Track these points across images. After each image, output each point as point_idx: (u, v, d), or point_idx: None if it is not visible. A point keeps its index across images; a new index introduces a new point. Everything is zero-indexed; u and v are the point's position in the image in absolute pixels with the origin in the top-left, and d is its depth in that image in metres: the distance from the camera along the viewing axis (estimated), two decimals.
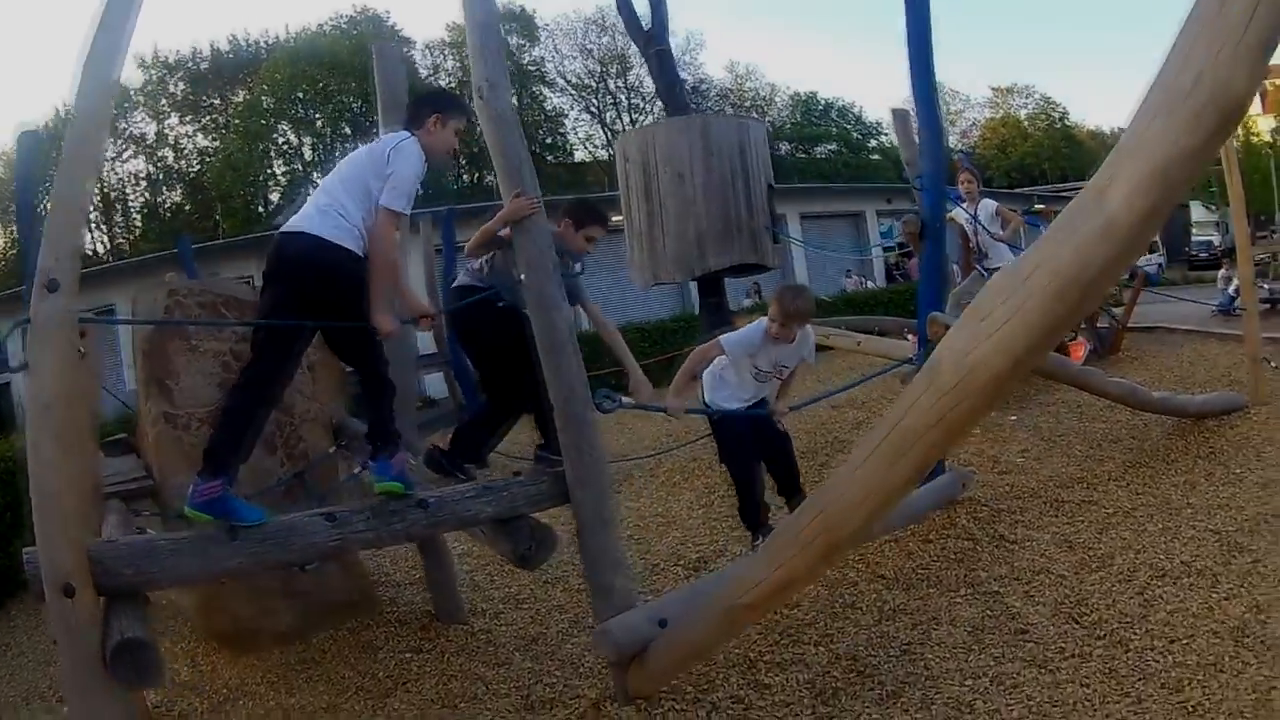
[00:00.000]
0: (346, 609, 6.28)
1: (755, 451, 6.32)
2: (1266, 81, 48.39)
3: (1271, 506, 7.00)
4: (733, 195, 10.29)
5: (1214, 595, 5.81)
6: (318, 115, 42.29)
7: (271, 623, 5.82)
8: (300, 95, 41.54)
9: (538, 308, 4.92)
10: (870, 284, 29.82)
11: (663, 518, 8.74)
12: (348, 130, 42.36)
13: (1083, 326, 13.77)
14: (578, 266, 5.71)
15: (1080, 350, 11.90)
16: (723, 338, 5.96)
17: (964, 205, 11.40)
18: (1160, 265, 37.20)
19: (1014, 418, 10.61)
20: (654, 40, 13.82)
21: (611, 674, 5.17)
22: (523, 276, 4.99)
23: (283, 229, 4.44)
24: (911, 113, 8.67)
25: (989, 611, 6.07)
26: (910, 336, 11.55)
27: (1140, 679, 5.04)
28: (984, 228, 10.99)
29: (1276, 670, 4.89)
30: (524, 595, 7.16)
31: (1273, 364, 9.85)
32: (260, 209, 41.22)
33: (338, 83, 41.50)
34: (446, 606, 6.57)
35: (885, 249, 29.32)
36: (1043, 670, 5.26)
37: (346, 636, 6.37)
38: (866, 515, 3.67)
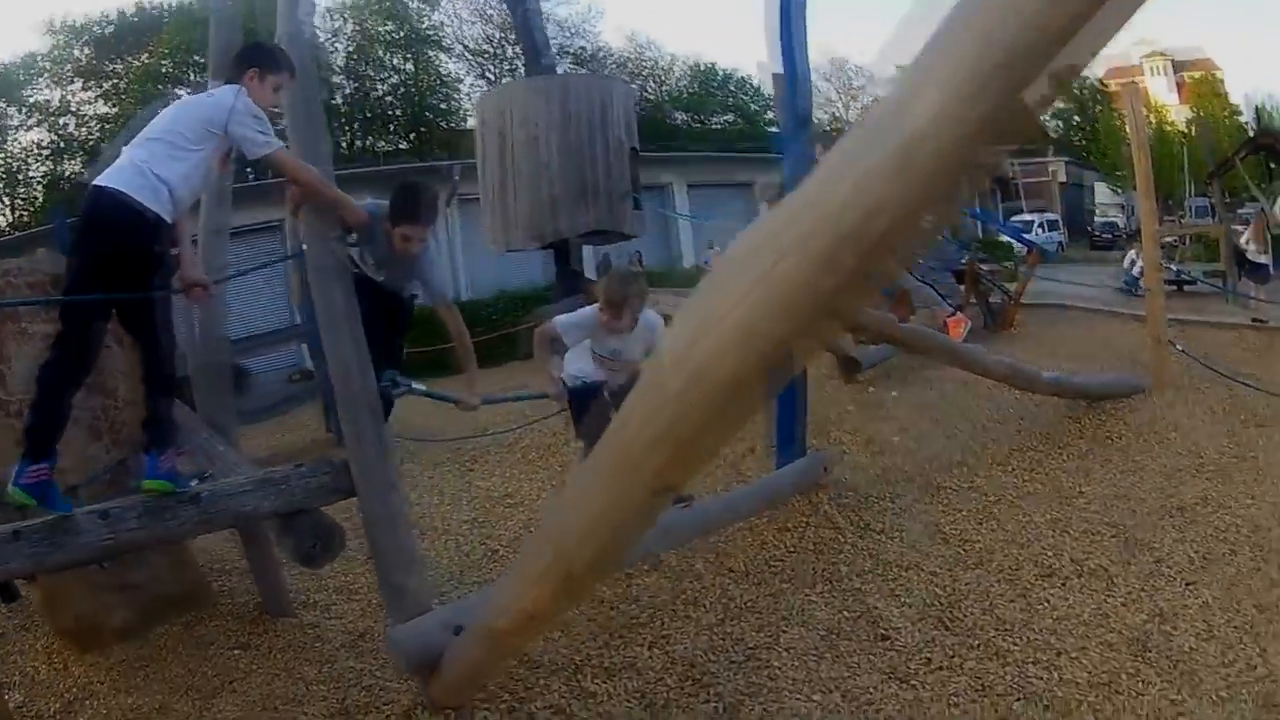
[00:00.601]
0: (180, 603, 5.98)
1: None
2: (1185, 74, 50.17)
3: (1177, 499, 6.33)
4: (589, 158, 9.84)
5: (1110, 600, 5.08)
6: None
7: (110, 619, 5.61)
8: (199, 60, 39.81)
9: (316, 280, 4.58)
10: None
11: (511, 499, 8.13)
12: None
13: (971, 301, 13.31)
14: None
15: (959, 328, 11.19)
16: (556, 319, 5.66)
17: None
18: (1060, 243, 37.63)
19: (895, 393, 9.97)
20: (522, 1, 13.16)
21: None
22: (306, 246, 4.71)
23: (94, 182, 4.13)
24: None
25: (846, 612, 5.34)
26: None
27: (1019, 698, 4.32)
28: None
29: (1183, 691, 4.19)
30: (358, 585, 6.49)
31: (1179, 347, 9.19)
32: None
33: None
34: (273, 599, 6.12)
35: None
36: (903, 684, 4.56)
37: (181, 632, 5.89)
38: (597, 548, 2.63)
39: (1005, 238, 22.57)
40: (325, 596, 6.38)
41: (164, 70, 38.70)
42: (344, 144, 40.62)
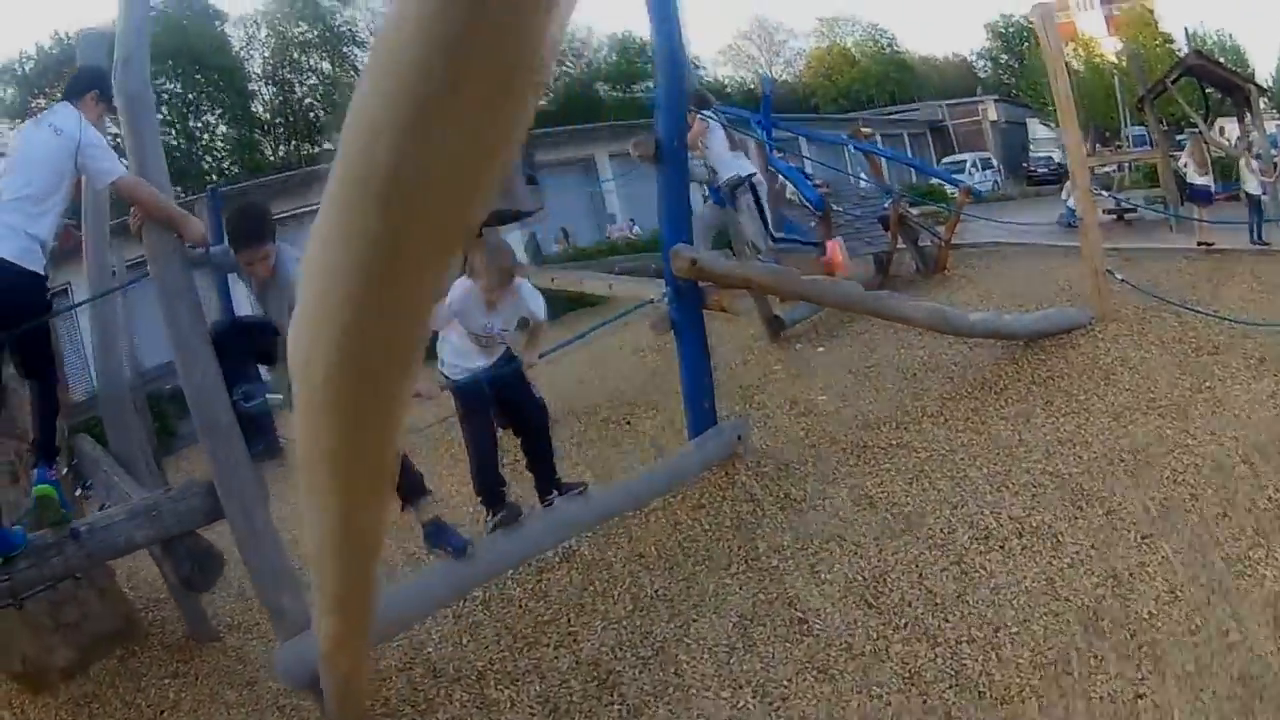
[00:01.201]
0: (115, 638, 6.03)
1: (498, 418, 5.64)
2: (1113, 6, 50.28)
3: (1128, 440, 5.78)
4: None
5: (1055, 563, 4.55)
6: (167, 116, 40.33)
7: (53, 659, 5.73)
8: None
9: (162, 301, 4.60)
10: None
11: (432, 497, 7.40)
12: (164, 113, 40.57)
13: (899, 247, 12.83)
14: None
15: (837, 253, 10.47)
16: None
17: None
18: (996, 182, 37.41)
19: (821, 349, 9.51)
20: None
21: None
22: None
23: None
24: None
25: (763, 595, 4.91)
26: None
27: (951, 685, 3.87)
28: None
29: (1143, 668, 3.68)
30: None
31: (1119, 276, 8.62)
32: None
33: (156, 67, 38.75)
34: (197, 625, 6.13)
35: None
36: (821, 675, 4.17)
37: (118, 666, 5.88)
38: (335, 576, 2.39)
39: (936, 181, 22.14)
40: (251, 617, 6.20)
41: None
42: (270, 152, 40.41)
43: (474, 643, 5.07)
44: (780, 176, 13.23)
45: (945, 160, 38.73)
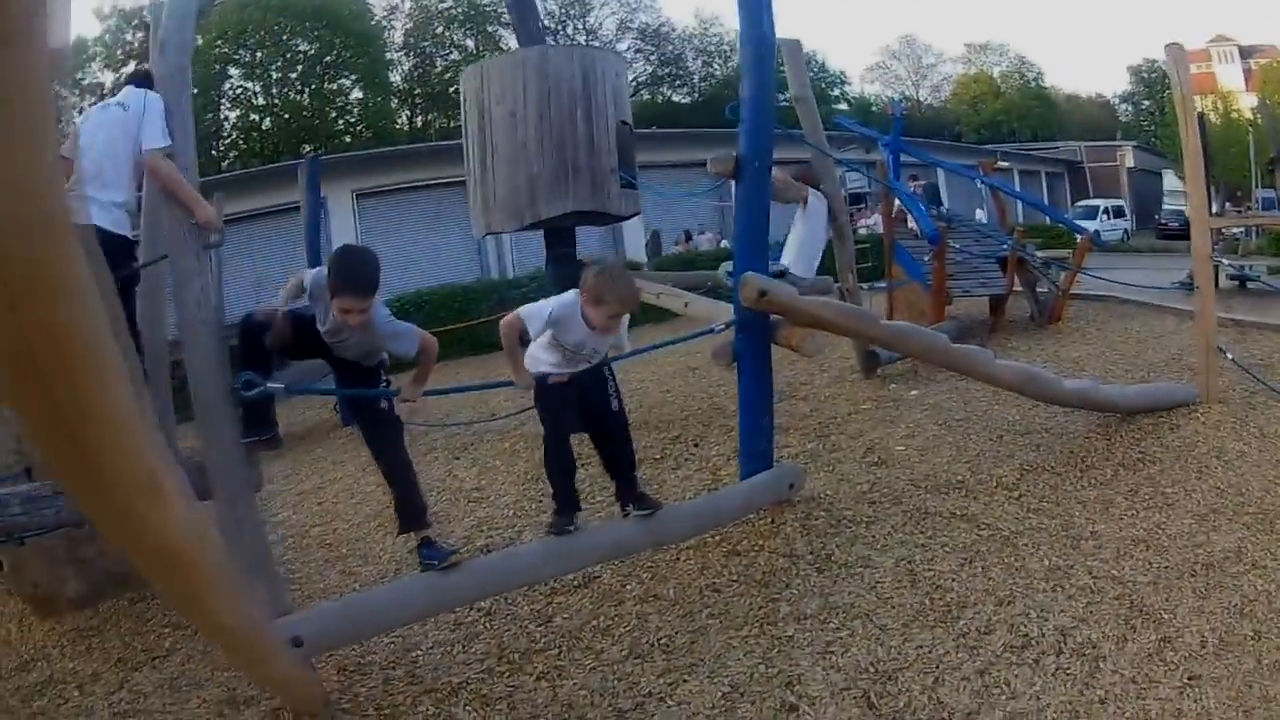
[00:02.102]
0: (125, 580, 6.11)
1: (576, 423, 5.39)
2: (1252, 61, 47.96)
3: (1205, 550, 5.12)
4: (571, 134, 8.89)
5: (1087, 693, 3.92)
6: (275, 63, 40.98)
7: (65, 589, 6.02)
8: (251, 41, 40.55)
9: (176, 283, 4.62)
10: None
11: (478, 493, 7.62)
12: (295, 75, 41.25)
13: (1016, 290, 12.17)
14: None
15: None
16: (522, 309, 4.98)
17: None
18: (1126, 232, 35.91)
19: (915, 393, 8.90)
20: None
21: None
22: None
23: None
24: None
25: (764, 667, 4.42)
26: None
27: None
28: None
29: None
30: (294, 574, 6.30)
31: (1228, 355, 7.88)
32: (214, 152, 40.20)
33: (291, 26, 40.52)
34: None
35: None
36: None
37: (126, 607, 5.99)
38: None
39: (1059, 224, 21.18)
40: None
41: (217, 51, 38.91)
42: (403, 123, 40.69)
43: (463, 655, 4.86)
44: (898, 202, 12.67)
45: (1079, 204, 37.38)
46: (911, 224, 12.88)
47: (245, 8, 39.12)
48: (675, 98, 46.88)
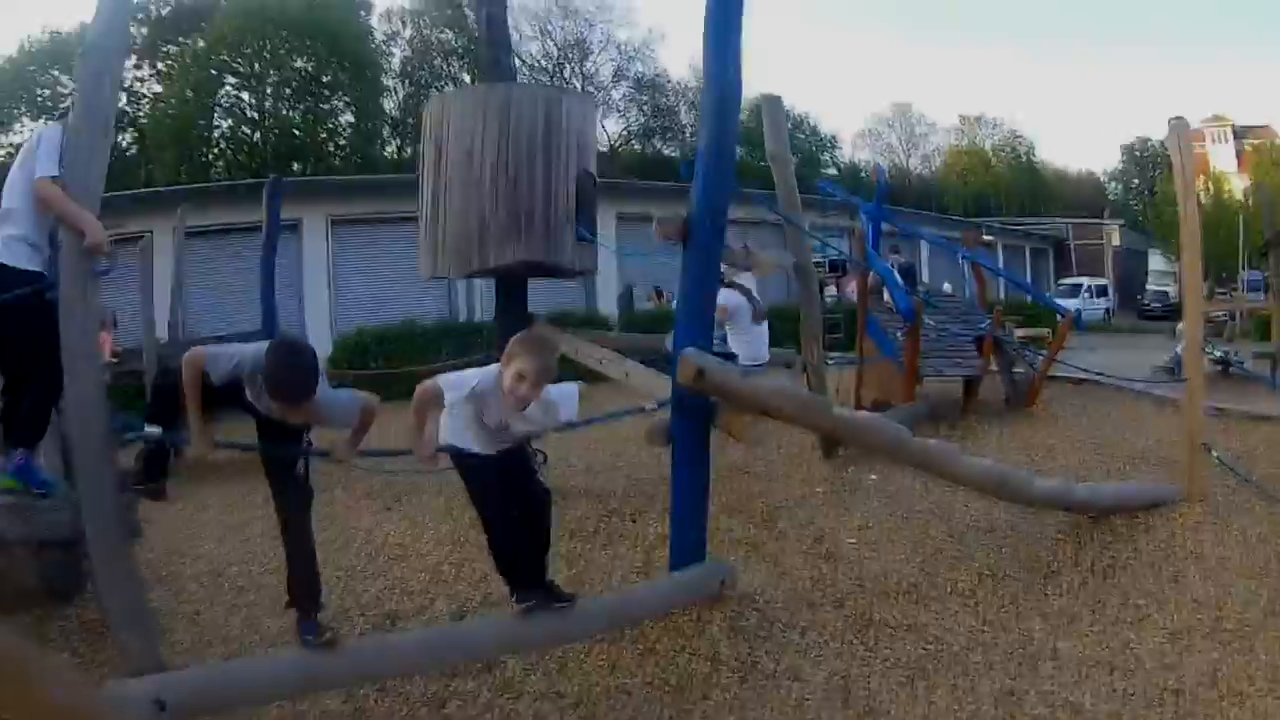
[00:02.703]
0: (30, 596, 5.65)
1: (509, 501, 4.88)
2: (1245, 142, 48.09)
3: (1175, 674, 4.53)
4: (528, 180, 8.23)
5: None
6: (273, 74, 40.80)
7: None
8: (248, 51, 40.17)
9: (63, 312, 4.35)
10: None
11: (400, 549, 7.21)
12: (288, 91, 41.03)
13: (992, 370, 11.67)
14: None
15: None
16: (441, 377, 4.62)
17: None
18: (1108, 311, 35.58)
19: (874, 478, 8.35)
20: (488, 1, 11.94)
21: None
22: None
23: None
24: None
25: None
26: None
27: None
28: None
29: None
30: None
31: (1215, 455, 7.34)
32: (203, 159, 40.53)
33: (289, 42, 40.31)
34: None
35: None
36: None
37: (31, 626, 5.34)
38: None
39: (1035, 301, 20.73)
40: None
41: (215, 57, 38.89)
42: (392, 151, 40.38)
43: None
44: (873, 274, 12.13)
45: (1062, 281, 37.14)
46: (888, 297, 12.33)
47: (246, 16, 38.92)
48: (666, 150, 46.75)
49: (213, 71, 39.16)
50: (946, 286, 20.18)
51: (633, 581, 6.11)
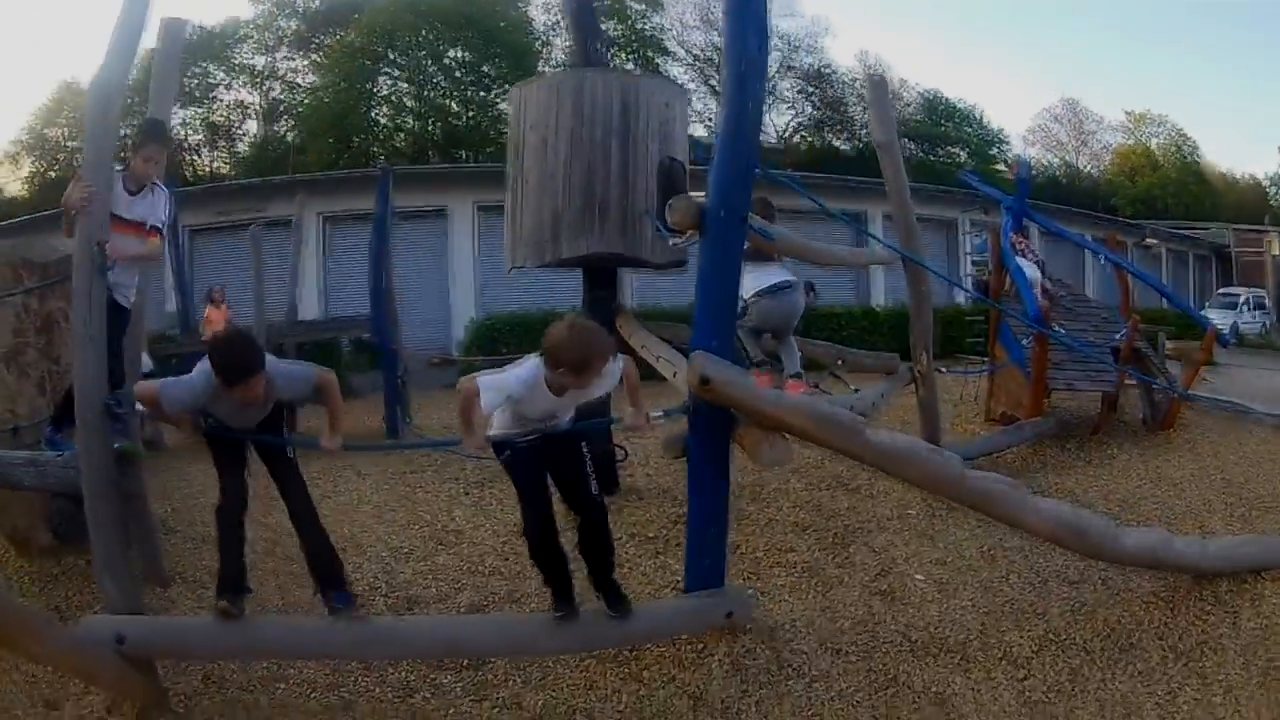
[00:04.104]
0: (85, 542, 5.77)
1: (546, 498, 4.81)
2: None
3: None
4: (603, 169, 7.67)
5: None
6: (428, 66, 41.20)
7: (36, 537, 6.52)
8: (397, 42, 40.57)
9: (75, 297, 4.78)
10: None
11: (456, 536, 7.09)
12: (441, 81, 41.28)
13: (1129, 384, 10.42)
14: None
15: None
16: (481, 378, 4.42)
17: None
18: (1265, 326, 32.57)
19: None
20: None
21: None
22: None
23: None
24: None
25: None
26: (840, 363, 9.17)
27: None
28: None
29: None
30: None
31: None
32: (360, 147, 40.68)
33: (443, 33, 40.60)
34: (150, 566, 6.19)
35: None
36: None
37: (83, 566, 5.97)
38: None
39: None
40: (197, 575, 6.22)
41: (366, 47, 39.12)
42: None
43: (318, 699, 4.64)
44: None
45: (1219, 292, 34.25)
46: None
47: (398, 8, 39.17)
48: (837, 142, 45.21)
49: (367, 62, 39.49)
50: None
51: (671, 598, 5.55)
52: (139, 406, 4.94)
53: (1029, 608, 5.40)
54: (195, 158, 40.85)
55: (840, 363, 9.32)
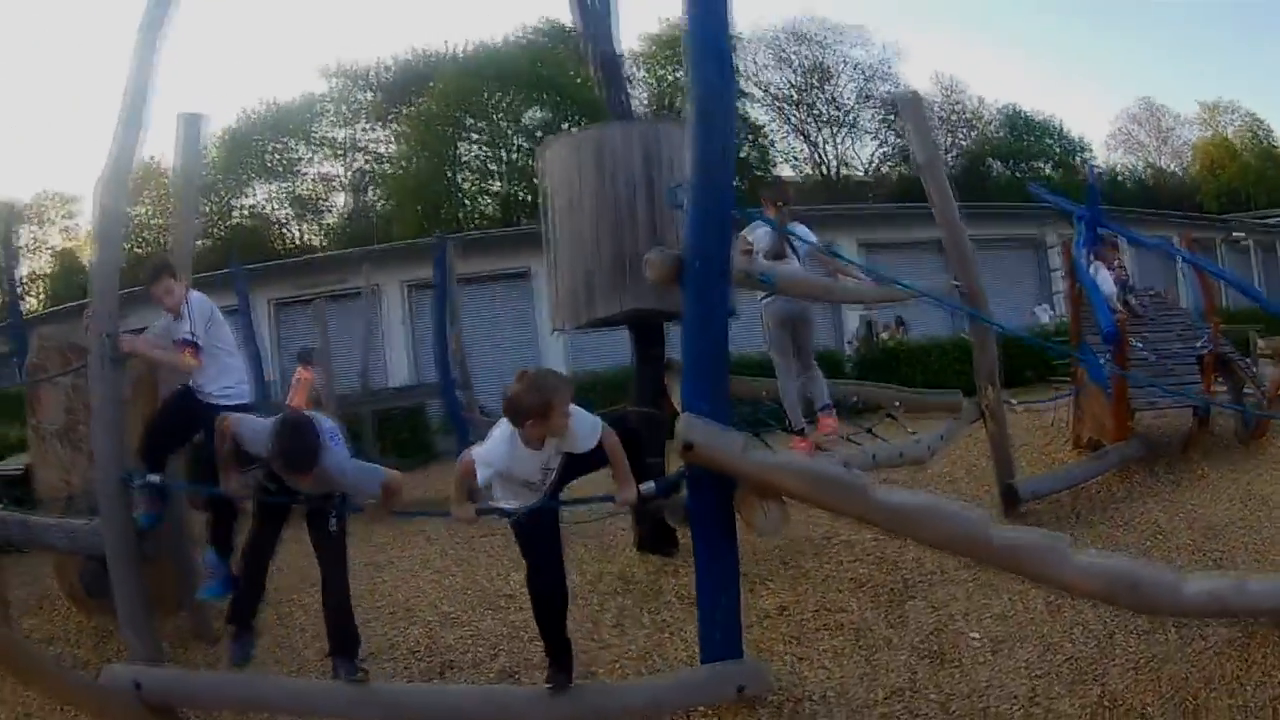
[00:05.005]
0: (75, 593, 7.25)
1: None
2: None
3: None
4: (630, 224, 7.45)
5: None
6: (510, 127, 41.67)
7: (75, 592, 7.19)
8: (479, 107, 40.73)
9: (90, 380, 5.52)
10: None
11: (508, 600, 7.01)
12: (519, 142, 41.59)
13: (1219, 390, 9.69)
14: None
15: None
16: (476, 452, 4.52)
17: None
18: None
19: None
20: (599, 41, 11.54)
21: None
22: None
23: None
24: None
25: None
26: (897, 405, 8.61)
27: None
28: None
29: None
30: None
31: None
32: (446, 214, 40.42)
33: (513, 96, 40.65)
34: (199, 624, 6.77)
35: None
36: None
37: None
38: None
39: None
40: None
41: (444, 114, 39.50)
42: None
43: None
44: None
45: None
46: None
47: (467, 75, 39.66)
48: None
49: (446, 129, 39.73)
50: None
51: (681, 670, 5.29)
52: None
53: (1088, 668, 4.82)
54: (285, 231, 41.78)
55: (898, 404, 8.74)
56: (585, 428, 4.40)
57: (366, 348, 16.12)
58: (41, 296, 37.67)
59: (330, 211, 42.74)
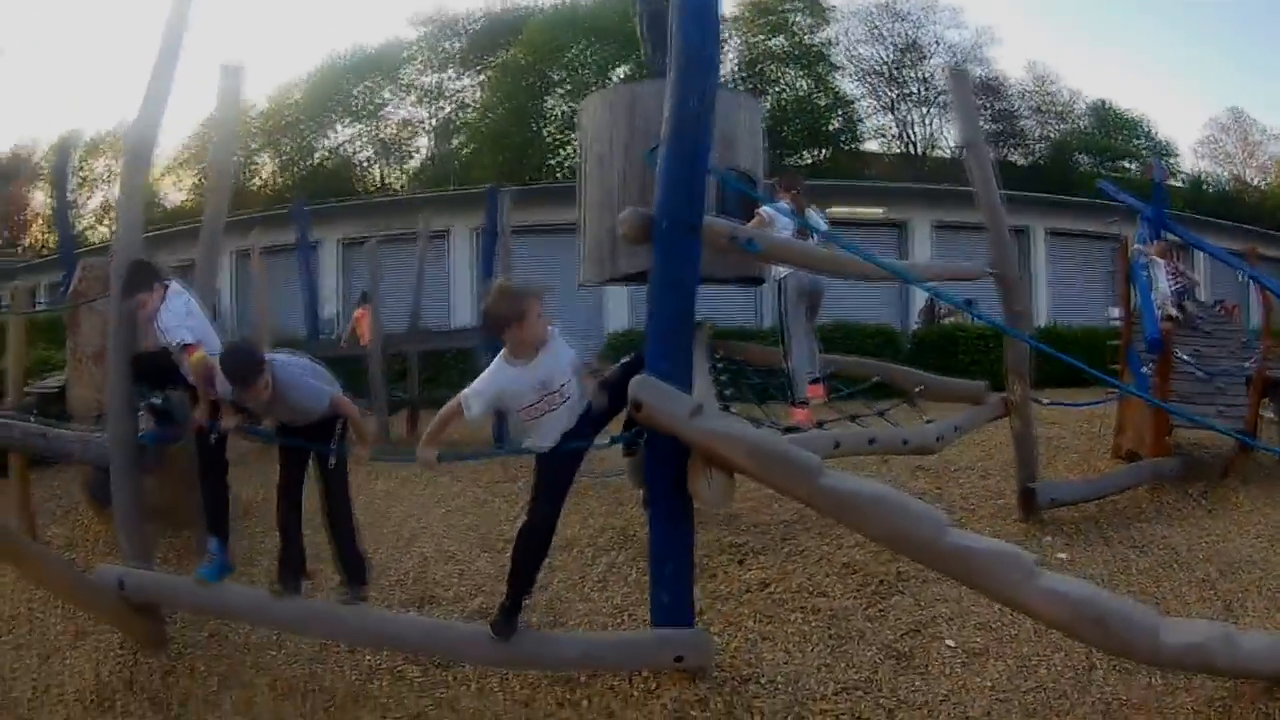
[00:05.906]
0: (160, 513, 6.96)
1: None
2: None
3: None
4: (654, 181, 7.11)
5: None
6: (595, 82, 41.27)
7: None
8: (564, 59, 40.12)
9: (111, 344, 5.81)
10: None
11: (499, 536, 7.19)
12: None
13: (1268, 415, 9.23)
14: None
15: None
16: (466, 393, 4.46)
17: None
18: None
19: (1064, 555, 6.39)
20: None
21: None
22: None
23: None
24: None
25: None
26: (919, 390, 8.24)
27: None
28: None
29: None
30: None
31: None
32: (528, 164, 39.82)
33: (599, 50, 39.59)
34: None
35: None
36: None
37: (169, 539, 7.00)
38: None
39: None
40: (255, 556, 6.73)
41: (527, 64, 39.36)
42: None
43: (302, 664, 5.25)
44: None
45: None
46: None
47: (556, 27, 39.51)
48: (1011, 157, 43.13)
49: (533, 81, 39.48)
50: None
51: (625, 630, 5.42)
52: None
53: (1055, 701, 4.43)
54: (366, 173, 41.99)
55: (919, 389, 8.32)
56: (565, 347, 4.41)
57: (419, 289, 16.25)
58: (112, 227, 38.73)
59: (413, 156, 42.72)
